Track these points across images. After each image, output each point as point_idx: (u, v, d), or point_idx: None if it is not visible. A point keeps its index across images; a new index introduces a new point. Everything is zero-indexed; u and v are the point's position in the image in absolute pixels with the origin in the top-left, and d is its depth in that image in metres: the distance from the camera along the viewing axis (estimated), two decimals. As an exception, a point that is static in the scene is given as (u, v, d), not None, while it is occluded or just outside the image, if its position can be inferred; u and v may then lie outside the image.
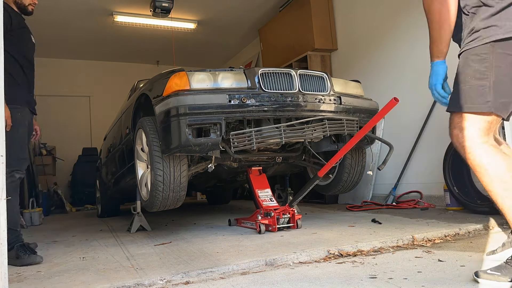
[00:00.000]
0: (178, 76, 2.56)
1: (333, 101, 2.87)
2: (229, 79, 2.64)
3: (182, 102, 2.44)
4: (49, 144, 7.46)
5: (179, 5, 5.93)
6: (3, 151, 1.62)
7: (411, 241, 2.33)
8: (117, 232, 3.42)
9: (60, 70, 8.26)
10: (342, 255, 2.10)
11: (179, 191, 2.71)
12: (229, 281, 1.76)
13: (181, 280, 1.79)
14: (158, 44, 7.62)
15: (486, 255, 1.93)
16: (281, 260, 2.01)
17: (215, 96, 2.51)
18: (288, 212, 2.91)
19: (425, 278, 1.62)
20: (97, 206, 5.38)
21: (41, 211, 4.81)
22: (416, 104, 4.13)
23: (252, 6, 6.28)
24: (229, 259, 2.03)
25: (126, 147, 3.60)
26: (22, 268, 2.21)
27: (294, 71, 2.80)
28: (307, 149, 3.15)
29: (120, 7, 6.08)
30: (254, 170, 3.29)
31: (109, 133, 4.71)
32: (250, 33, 7.34)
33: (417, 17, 4.14)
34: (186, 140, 2.43)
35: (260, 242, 2.48)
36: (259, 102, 2.58)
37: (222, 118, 2.48)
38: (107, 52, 8.10)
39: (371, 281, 1.63)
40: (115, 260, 2.26)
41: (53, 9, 5.90)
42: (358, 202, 4.43)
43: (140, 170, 3.04)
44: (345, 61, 5.30)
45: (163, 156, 2.62)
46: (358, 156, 3.29)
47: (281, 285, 1.65)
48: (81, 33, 6.91)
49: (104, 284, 1.74)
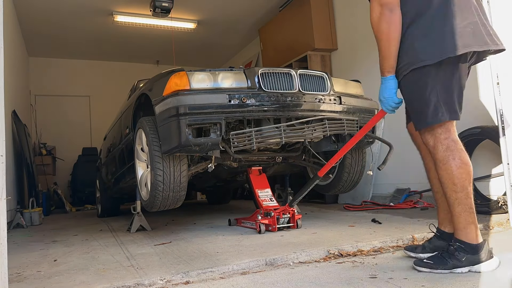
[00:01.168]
0: (178, 76, 2.56)
1: (333, 101, 2.87)
2: (229, 79, 2.64)
3: (182, 102, 2.44)
4: (49, 144, 7.46)
5: (179, 5, 5.93)
6: (3, 151, 1.62)
7: (411, 241, 2.34)
8: (117, 232, 3.42)
9: (60, 70, 8.27)
10: (342, 255, 2.10)
11: (179, 191, 2.71)
12: (229, 281, 1.76)
13: (181, 280, 1.79)
14: (158, 44, 7.62)
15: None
16: (281, 260, 2.01)
17: (215, 96, 2.50)
18: (288, 212, 2.90)
19: (425, 278, 1.62)
20: (97, 206, 5.38)
21: (41, 211, 4.81)
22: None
23: (252, 6, 6.28)
24: (229, 259, 2.03)
25: (126, 147, 3.60)
26: (22, 268, 2.21)
27: (294, 71, 2.80)
28: (307, 149, 3.15)
29: (120, 7, 6.08)
30: (254, 170, 3.29)
31: (109, 133, 4.71)
32: (250, 33, 7.34)
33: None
34: (186, 140, 2.42)
35: (260, 242, 2.48)
36: (259, 102, 2.58)
37: (222, 118, 2.48)
38: (107, 52, 8.10)
39: (371, 281, 1.63)
40: (115, 260, 2.26)
41: (53, 9, 5.90)
42: (358, 202, 4.43)
43: (140, 170, 3.04)
44: (345, 61, 5.30)
45: (163, 156, 2.62)
46: (358, 156, 3.29)
47: (281, 285, 1.65)
48: (81, 33, 6.91)
49: (104, 284, 1.74)
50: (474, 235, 1.69)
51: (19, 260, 2.44)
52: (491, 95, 2.72)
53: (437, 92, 1.70)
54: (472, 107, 3.54)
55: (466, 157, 1.71)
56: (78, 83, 8.40)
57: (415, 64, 1.70)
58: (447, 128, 1.73)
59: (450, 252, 1.71)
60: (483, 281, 1.53)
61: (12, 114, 5.21)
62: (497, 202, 3.00)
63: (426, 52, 1.68)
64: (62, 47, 7.62)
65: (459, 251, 1.69)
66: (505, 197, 2.73)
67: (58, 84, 8.24)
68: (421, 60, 1.68)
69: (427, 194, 3.94)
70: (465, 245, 1.69)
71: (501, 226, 2.66)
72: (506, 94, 2.59)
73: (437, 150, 1.73)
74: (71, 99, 8.45)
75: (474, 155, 3.48)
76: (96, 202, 5.42)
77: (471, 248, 1.67)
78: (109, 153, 4.49)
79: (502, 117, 2.59)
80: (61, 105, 8.28)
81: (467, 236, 1.69)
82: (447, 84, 1.71)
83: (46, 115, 7.96)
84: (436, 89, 1.70)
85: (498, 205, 2.98)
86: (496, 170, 3.33)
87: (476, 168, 3.44)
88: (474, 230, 1.70)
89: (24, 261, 2.40)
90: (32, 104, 7.66)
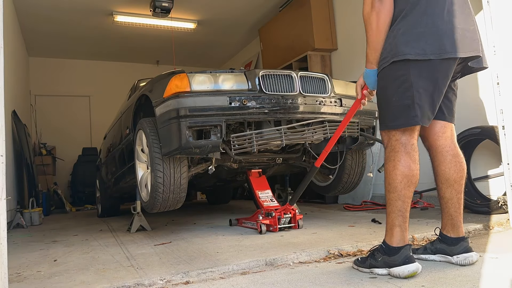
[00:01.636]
0: (179, 77, 2.56)
1: (334, 103, 2.87)
2: (230, 81, 2.64)
3: (182, 104, 2.44)
4: (49, 144, 7.46)
5: (179, 5, 5.93)
6: (3, 151, 1.63)
7: (411, 241, 2.34)
8: (117, 232, 3.42)
9: (60, 70, 8.27)
10: (342, 255, 2.10)
11: (179, 192, 2.71)
12: (229, 281, 1.77)
13: (181, 280, 1.79)
14: (158, 44, 7.62)
15: None
16: (281, 260, 2.02)
17: (216, 98, 2.51)
18: (289, 211, 2.90)
19: (425, 278, 1.62)
20: (97, 206, 5.38)
21: (41, 211, 4.82)
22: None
23: (252, 6, 6.28)
24: (229, 259, 2.03)
25: (126, 147, 3.60)
26: (22, 268, 2.22)
27: (295, 73, 2.80)
28: (308, 150, 3.15)
29: (120, 7, 6.08)
30: (254, 172, 3.29)
31: (109, 133, 4.71)
32: (250, 33, 7.34)
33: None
34: (187, 142, 2.43)
35: (260, 242, 2.48)
36: (259, 104, 2.58)
37: (222, 120, 2.48)
38: (107, 52, 8.10)
39: (371, 281, 1.64)
40: (115, 260, 2.26)
41: (53, 8, 5.90)
42: (358, 202, 4.43)
43: (140, 171, 3.04)
44: (345, 61, 5.30)
45: (163, 158, 2.62)
46: (358, 157, 3.29)
47: (281, 285, 1.66)
48: (81, 33, 6.91)
49: (104, 284, 1.74)
50: (396, 238, 1.68)
51: (19, 260, 2.44)
52: (491, 95, 2.72)
53: (412, 91, 1.67)
54: (472, 107, 3.54)
55: (408, 161, 1.69)
56: (78, 83, 8.40)
57: (396, 56, 1.67)
58: (403, 130, 1.72)
59: (373, 251, 1.74)
60: (483, 281, 1.53)
61: (12, 114, 5.21)
62: (497, 202, 3.00)
63: (409, 46, 1.65)
64: (62, 47, 7.62)
65: (379, 251, 1.72)
66: (505, 197, 2.73)
67: (58, 84, 8.24)
68: (403, 53, 1.66)
69: (427, 194, 3.95)
70: (385, 246, 1.71)
71: (501, 226, 2.66)
72: (506, 94, 2.59)
73: (386, 149, 1.77)
74: (71, 99, 8.45)
75: (474, 155, 3.49)
76: (96, 202, 5.42)
77: (389, 250, 1.68)
78: (109, 153, 4.49)
79: (502, 117, 2.59)
80: (61, 105, 8.28)
81: (390, 237, 1.70)
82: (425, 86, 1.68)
83: (46, 115, 7.96)
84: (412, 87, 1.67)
85: (498, 205, 2.98)
86: (496, 170, 3.34)
87: (476, 168, 3.46)
88: (399, 233, 1.68)
89: (24, 261, 2.40)
90: (32, 104, 7.66)
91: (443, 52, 1.65)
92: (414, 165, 1.71)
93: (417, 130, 1.75)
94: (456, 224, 1.83)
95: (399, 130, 1.73)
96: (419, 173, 1.73)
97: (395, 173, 1.70)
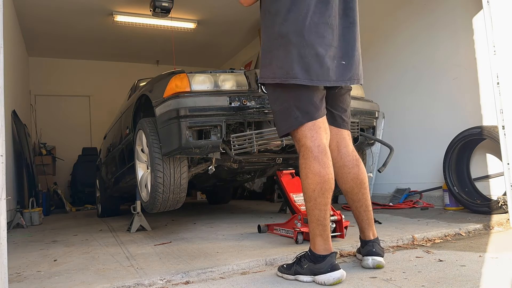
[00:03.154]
0: (179, 78, 2.56)
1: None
2: (230, 81, 2.64)
3: (182, 104, 2.44)
4: (49, 144, 7.47)
5: (179, 5, 5.93)
6: (3, 151, 1.62)
7: (411, 241, 2.34)
8: (117, 232, 3.42)
9: (60, 70, 8.27)
10: (342, 255, 2.10)
11: (179, 192, 2.71)
12: (229, 281, 1.76)
13: (181, 280, 1.79)
14: (158, 44, 7.62)
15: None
16: (281, 260, 2.01)
17: (216, 98, 2.51)
18: (335, 215, 2.36)
19: (425, 278, 1.62)
20: (97, 206, 5.38)
21: (41, 211, 4.82)
22: (416, 104, 4.13)
23: (252, 6, 6.22)
24: (229, 259, 2.03)
25: (126, 147, 3.60)
26: (22, 268, 2.22)
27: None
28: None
29: (120, 7, 6.08)
30: (286, 173, 3.04)
31: (109, 132, 4.71)
32: (250, 33, 7.34)
33: (417, 18, 4.14)
34: (187, 142, 2.42)
35: (260, 242, 2.48)
36: (259, 104, 2.58)
37: (222, 120, 2.48)
38: (107, 52, 8.10)
39: (371, 281, 1.63)
40: (115, 260, 2.26)
41: (53, 8, 5.91)
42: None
43: (140, 171, 3.04)
44: (345, 61, 5.28)
45: (163, 158, 2.62)
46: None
47: (281, 285, 1.66)
48: (81, 33, 6.91)
49: (104, 284, 1.74)
50: (320, 247, 1.66)
51: (19, 260, 2.44)
52: (491, 95, 2.72)
53: (292, 97, 1.72)
54: (472, 107, 3.54)
55: (317, 167, 1.65)
56: (78, 83, 8.41)
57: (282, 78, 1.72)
58: (303, 134, 1.71)
59: (300, 258, 1.72)
60: (483, 281, 1.53)
61: (12, 114, 5.21)
62: (497, 202, 3.00)
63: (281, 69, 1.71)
64: (62, 47, 7.63)
65: (305, 258, 1.70)
66: (505, 197, 2.73)
67: (58, 84, 8.25)
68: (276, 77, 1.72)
69: (427, 194, 3.95)
70: (310, 254, 1.69)
71: (501, 226, 2.66)
72: (506, 94, 2.59)
73: (299, 156, 1.74)
74: (71, 99, 8.46)
75: (474, 155, 3.49)
76: (96, 202, 5.42)
77: (315, 258, 1.66)
78: (109, 153, 4.49)
79: (502, 117, 2.59)
80: (61, 105, 8.29)
81: (313, 245, 1.69)
82: (299, 96, 1.72)
83: (46, 115, 7.97)
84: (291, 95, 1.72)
85: (498, 205, 2.98)
86: (496, 170, 3.34)
87: (476, 168, 3.46)
88: (321, 242, 1.66)
89: (24, 261, 2.40)
90: (32, 104, 7.66)
91: (308, 78, 1.71)
92: (325, 170, 1.66)
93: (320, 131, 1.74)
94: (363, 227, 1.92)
95: (300, 133, 1.72)
96: (333, 176, 1.69)
97: (308, 183, 1.66)
